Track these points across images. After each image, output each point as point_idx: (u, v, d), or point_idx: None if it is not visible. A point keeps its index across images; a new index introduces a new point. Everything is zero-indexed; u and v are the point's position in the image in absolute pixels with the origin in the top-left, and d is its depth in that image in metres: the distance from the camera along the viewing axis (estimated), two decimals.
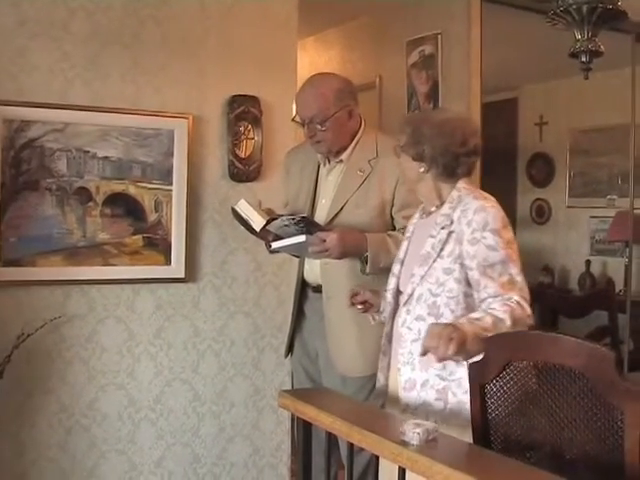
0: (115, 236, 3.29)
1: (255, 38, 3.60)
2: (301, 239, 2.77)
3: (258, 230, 2.94)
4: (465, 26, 4.35)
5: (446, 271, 2.33)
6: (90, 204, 3.24)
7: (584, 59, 3.22)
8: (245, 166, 3.56)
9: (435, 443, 1.85)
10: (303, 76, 3.39)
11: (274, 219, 2.89)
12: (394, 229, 2.93)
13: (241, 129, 3.55)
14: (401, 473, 1.89)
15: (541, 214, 7.33)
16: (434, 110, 4.20)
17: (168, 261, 3.41)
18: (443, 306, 2.33)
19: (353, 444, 2.09)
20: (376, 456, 2.02)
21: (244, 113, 3.54)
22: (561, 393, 1.98)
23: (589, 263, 6.73)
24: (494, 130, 5.68)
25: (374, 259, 2.82)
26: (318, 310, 3.01)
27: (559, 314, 5.75)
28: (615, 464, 1.84)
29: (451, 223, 2.34)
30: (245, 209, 2.96)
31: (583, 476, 1.92)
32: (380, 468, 2.31)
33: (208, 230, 3.53)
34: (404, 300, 2.42)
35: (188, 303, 3.50)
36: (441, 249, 2.34)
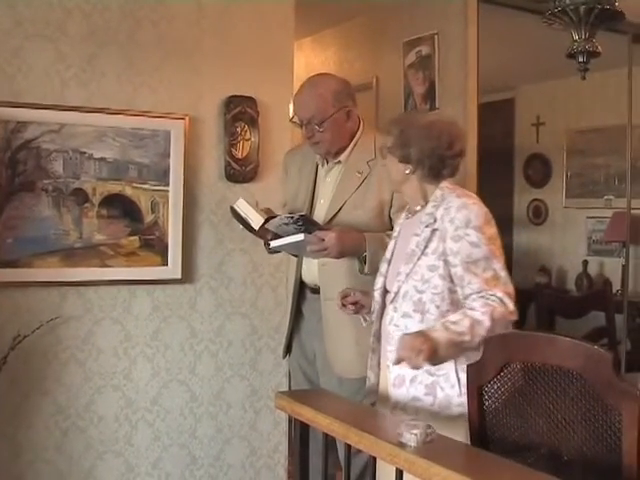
0: (111, 237, 3.29)
1: (252, 39, 3.60)
2: (299, 238, 2.77)
3: (257, 229, 2.93)
4: (462, 26, 4.35)
5: (431, 268, 2.36)
6: (86, 205, 3.24)
7: (581, 60, 3.21)
8: (242, 167, 3.56)
9: (433, 445, 1.85)
10: (300, 77, 3.39)
11: (273, 217, 2.88)
12: (392, 230, 2.92)
13: (238, 130, 3.55)
14: (398, 475, 1.88)
15: (538, 215, 7.34)
16: (420, 112, 4.22)
17: (165, 262, 3.40)
18: (428, 302, 2.36)
19: (350, 445, 2.09)
20: (374, 458, 2.01)
21: (241, 114, 3.54)
22: (558, 394, 1.98)
23: (586, 263, 6.74)
24: (491, 131, 5.69)
25: (373, 259, 2.82)
26: (316, 311, 3.00)
27: (556, 315, 5.75)
28: (612, 465, 1.84)
29: (434, 221, 2.38)
30: (244, 208, 2.95)
31: (580, 477, 1.93)
32: (377, 470, 2.30)
33: (205, 231, 3.53)
34: (391, 298, 2.46)
35: (185, 304, 3.50)
36: (425, 247, 2.38)
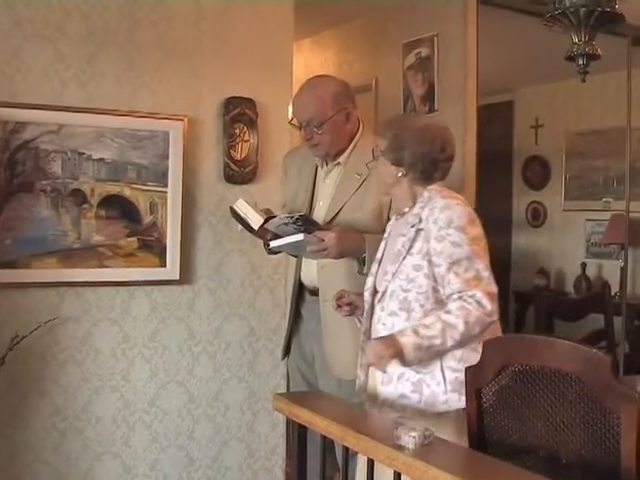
0: (110, 238, 3.29)
1: (251, 40, 3.60)
2: (299, 238, 2.76)
3: (256, 229, 2.92)
4: (461, 28, 4.35)
5: (415, 268, 2.39)
6: (85, 206, 3.23)
7: (581, 62, 3.20)
8: (240, 168, 3.56)
9: (431, 447, 1.85)
10: (299, 78, 3.38)
11: (272, 218, 2.88)
12: None
13: (237, 131, 3.54)
14: (396, 477, 1.88)
15: (537, 217, 7.34)
16: (412, 115, 4.23)
17: (163, 263, 3.40)
18: (413, 301, 2.39)
19: (348, 448, 2.09)
20: (371, 460, 2.01)
21: (240, 115, 3.54)
22: (557, 397, 1.98)
23: (585, 266, 6.74)
24: (490, 133, 5.69)
25: (372, 259, 2.81)
26: (315, 313, 3.00)
27: (554, 317, 5.73)
28: (611, 468, 1.84)
29: (420, 221, 2.41)
30: (243, 208, 2.95)
31: None
32: (375, 472, 2.30)
33: (203, 232, 3.52)
34: (378, 297, 2.49)
35: (183, 305, 3.49)
36: (410, 246, 2.41)
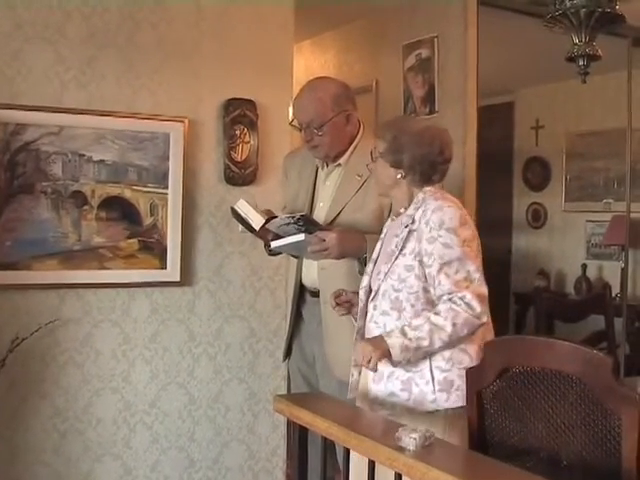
0: (110, 240, 3.29)
1: (251, 41, 3.60)
2: (300, 238, 2.76)
3: (257, 229, 2.92)
4: (462, 29, 4.35)
5: (407, 268, 2.42)
6: (85, 207, 3.23)
7: (582, 63, 3.20)
8: (241, 170, 3.56)
9: (431, 449, 1.85)
10: (299, 79, 3.39)
11: (273, 218, 2.88)
12: None
13: (237, 133, 3.54)
14: (397, 479, 1.88)
15: (537, 218, 7.33)
16: (411, 118, 4.22)
17: (163, 265, 3.40)
18: (405, 301, 2.42)
19: (349, 449, 2.09)
20: (372, 461, 2.01)
21: (240, 116, 3.54)
22: (558, 398, 1.98)
23: (585, 267, 6.73)
24: (490, 134, 5.68)
25: None
26: (316, 314, 2.99)
27: (555, 318, 5.73)
28: (612, 470, 1.84)
29: (413, 222, 2.43)
30: (244, 208, 2.95)
31: None
32: (376, 473, 2.30)
33: (204, 234, 3.52)
34: (372, 296, 2.51)
35: (183, 307, 3.49)
36: (403, 247, 2.43)
